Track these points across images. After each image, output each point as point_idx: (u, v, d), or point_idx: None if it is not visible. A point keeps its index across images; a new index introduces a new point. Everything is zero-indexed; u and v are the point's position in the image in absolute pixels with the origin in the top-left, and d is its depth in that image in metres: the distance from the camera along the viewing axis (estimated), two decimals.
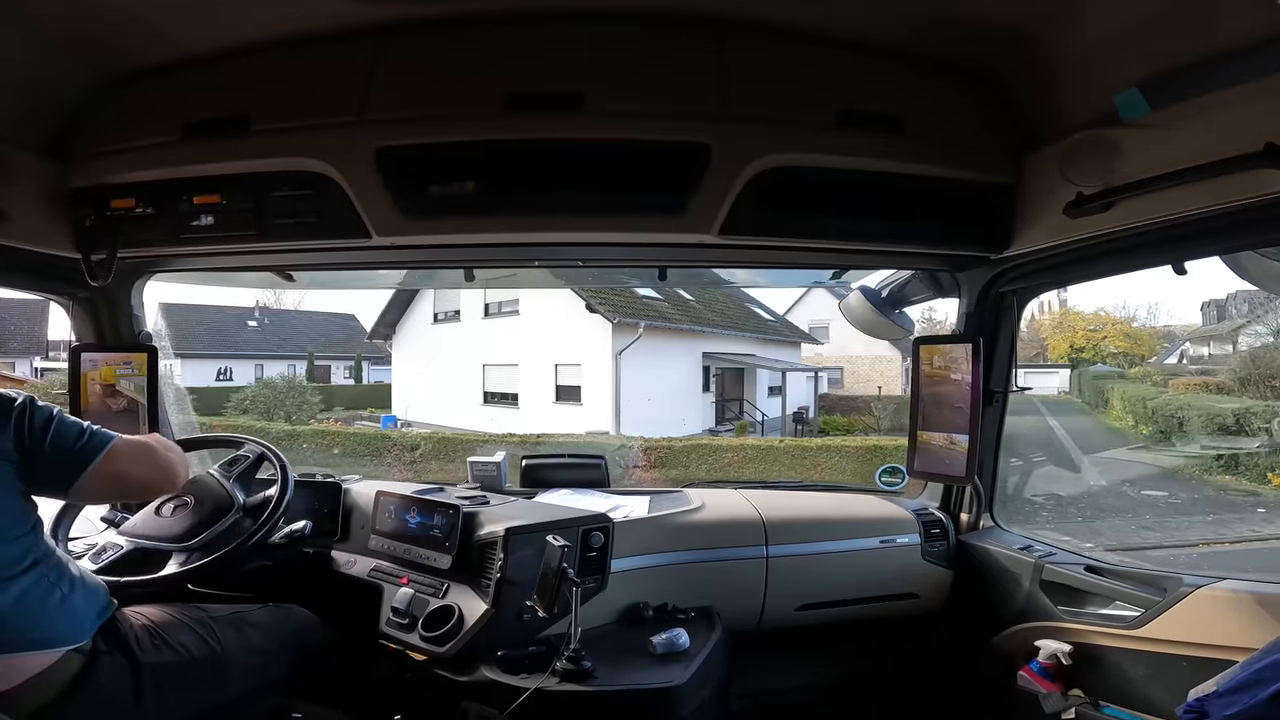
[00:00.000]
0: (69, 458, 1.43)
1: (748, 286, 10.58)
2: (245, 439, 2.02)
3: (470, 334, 15.65)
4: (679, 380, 14.99)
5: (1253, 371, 13.97)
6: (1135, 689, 1.89)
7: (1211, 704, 1.22)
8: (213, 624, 1.63)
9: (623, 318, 13.64)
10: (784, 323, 21.04)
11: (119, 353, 2.28)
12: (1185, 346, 18.32)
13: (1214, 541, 7.60)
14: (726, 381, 16.92)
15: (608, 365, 13.62)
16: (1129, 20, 1.41)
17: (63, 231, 1.86)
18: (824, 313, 22.72)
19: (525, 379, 14.83)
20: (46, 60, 1.64)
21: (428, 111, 1.70)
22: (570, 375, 14.35)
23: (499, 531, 1.87)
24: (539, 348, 14.35)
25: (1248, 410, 11.44)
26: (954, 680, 2.39)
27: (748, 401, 17.35)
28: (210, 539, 1.84)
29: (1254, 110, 1.32)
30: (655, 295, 14.57)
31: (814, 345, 21.92)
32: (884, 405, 16.73)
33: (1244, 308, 15.89)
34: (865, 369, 22.50)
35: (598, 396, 13.77)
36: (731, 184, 1.71)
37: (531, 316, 14.59)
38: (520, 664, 1.74)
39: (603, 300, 13.35)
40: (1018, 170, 1.81)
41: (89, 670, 1.40)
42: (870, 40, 1.72)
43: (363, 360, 21.71)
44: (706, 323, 16.16)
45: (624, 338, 13.60)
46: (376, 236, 1.78)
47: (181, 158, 1.79)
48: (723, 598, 2.19)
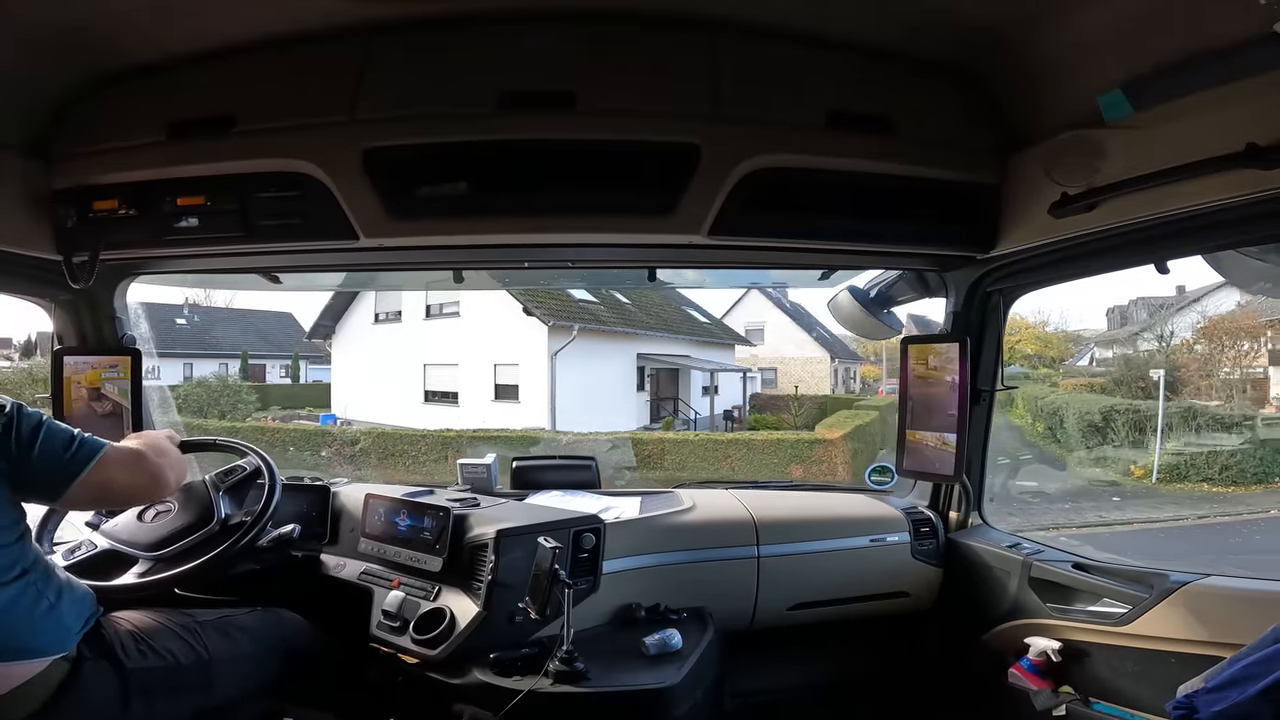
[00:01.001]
0: (58, 467, 1.40)
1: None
2: (249, 449, 1.97)
3: (411, 334, 15.92)
4: (614, 379, 15.65)
5: (1125, 373, 15.69)
6: (1125, 685, 1.91)
7: (1200, 700, 1.23)
8: (199, 629, 1.61)
9: (558, 320, 14.23)
10: (719, 325, 21.73)
11: (102, 356, 2.25)
12: (1093, 350, 19.46)
13: (1064, 527, 8.60)
14: (661, 381, 17.81)
15: (544, 365, 14.25)
16: (1112, 23, 1.43)
17: (44, 233, 1.83)
18: (760, 315, 24.89)
19: (465, 378, 15.31)
20: (29, 59, 1.62)
21: (418, 111, 1.70)
22: (509, 375, 14.91)
23: (490, 533, 1.86)
24: (479, 348, 14.86)
25: (1112, 408, 12.76)
26: (945, 678, 2.40)
27: (682, 400, 18.20)
28: (179, 552, 1.78)
29: (1235, 111, 1.34)
30: (591, 299, 15.31)
31: (748, 347, 22.97)
32: (801, 404, 18.27)
33: (1143, 314, 17.55)
34: (798, 369, 23.87)
35: (535, 395, 14.36)
36: (721, 184, 1.72)
37: (472, 318, 15.04)
38: (513, 666, 1.73)
39: (539, 304, 13.92)
40: (1003, 171, 1.83)
41: (74, 678, 1.38)
42: (859, 42, 1.73)
43: (300, 359, 21.37)
44: (641, 325, 16.94)
45: (559, 339, 14.21)
46: (364, 238, 1.77)
47: (166, 158, 1.77)
48: (715, 598, 2.18)
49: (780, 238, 1.88)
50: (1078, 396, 14.40)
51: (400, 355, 15.68)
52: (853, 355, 27.40)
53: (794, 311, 26.71)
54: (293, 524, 2.00)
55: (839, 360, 26.04)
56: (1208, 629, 1.71)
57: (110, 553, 1.81)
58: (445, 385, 15.60)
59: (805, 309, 27.64)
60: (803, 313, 27.43)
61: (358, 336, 16.98)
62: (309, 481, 2.35)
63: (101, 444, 1.46)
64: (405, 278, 3.83)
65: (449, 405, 15.22)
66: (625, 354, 16.16)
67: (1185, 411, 12.36)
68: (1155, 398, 13.31)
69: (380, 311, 16.82)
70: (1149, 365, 15.36)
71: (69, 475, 1.40)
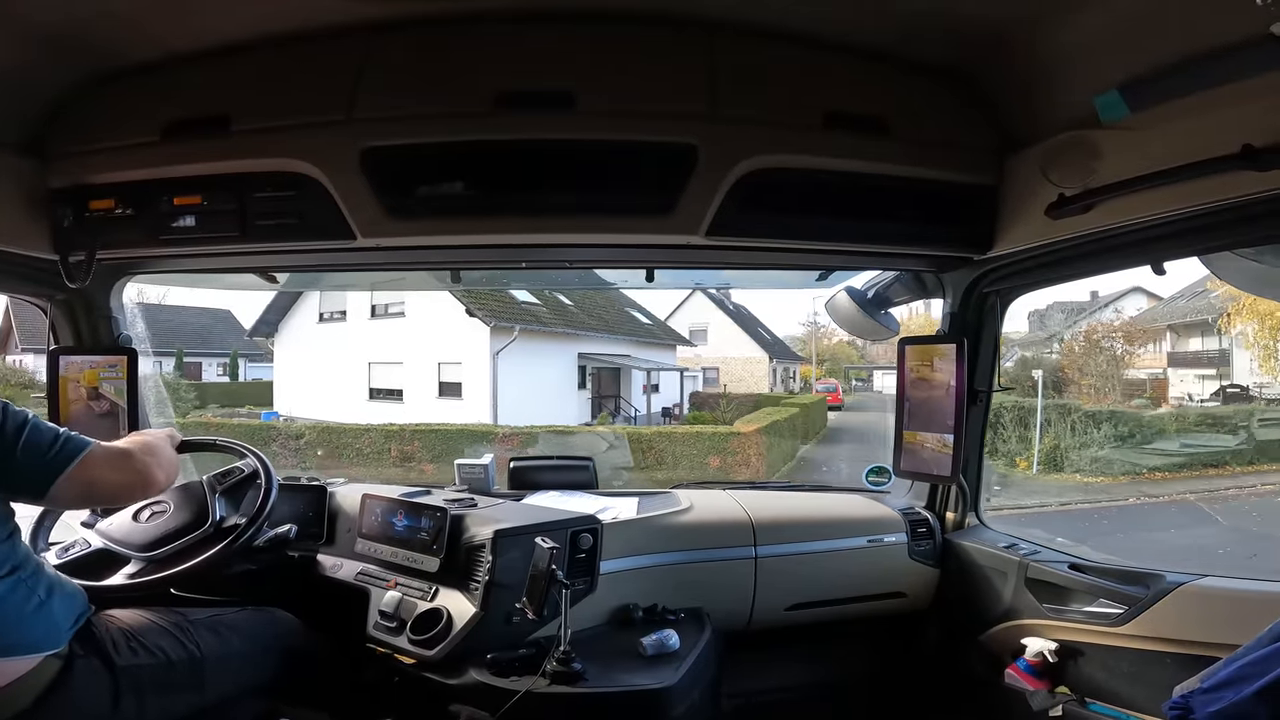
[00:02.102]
0: (42, 464, 1.39)
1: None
2: (248, 451, 1.95)
3: (356, 333, 16.22)
4: (556, 378, 16.38)
5: (1020, 374, 16.62)
6: (1121, 686, 1.91)
7: (1196, 700, 1.23)
8: (190, 627, 1.61)
9: (499, 321, 14.78)
10: (661, 326, 22.57)
11: (98, 355, 2.24)
12: (1017, 352, 19.86)
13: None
14: (602, 380, 18.54)
15: (487, 364, 14.84)
16: (1109, 24, 1.44)
17: (40, 232, 1.82)
18: (703, 317, 26.07)
19: (410, 376, 15.74)
20: (25, 57, 1.61)
21: (416, 111, 1.69)
22: (452, 373, 15.42)
23: (487, 534, 1.85)
24: (423, 347, 15.29)
25: (1001, 406, 13.41)
26: (942, 678, 2.40)
27: (623, 398, 18.84)
28: (171, 553, 1.78)
29: (1231, 113, 1.35)
30: (534, 300, 16.01)
31: (691, 347, 24.03)
32: (729, 401, 19.40)
33: (1059, 317, 18.99)
34: (739, 369, 24.98)
35: (478, 392, 14.92)
36: (719, 185, 1.72)
37: (416, 318, 15.43)
38: (510, 666, 1.73)
39: (481, 305, 14.45)
40: (1000, 172, 1.83)
41: (65, 675, 1.38)
42: (856, 43, 1.74)
43: (239, 357, 20.95)
44: (582, 326, 17.64)
45: (501, 339, 14.81)
46: (361, 238, 1.77)
47: (162, 158, 1.77)
48: (712, 598, 2.18)
49: (778, 238, 1.88)
50: None
51: (345, 354, 16.02)
52: (792, 356, 28.75)
53: (736, 313, 27.73)
54: (289, 524, 1.99)
55: (777, 360, 27.18)
56: (1204, 629, 1.71)
57: (103, 552, 1.81)
58: (390, 383, 16.06)
59: (748, 310, 29.07)
60: (745, 314, 28.60)
61: (301, 335, 17.14)
62: (306, 482, 2.34)
63: (87, 442, 1.46)
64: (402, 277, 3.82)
65: (394, 402, 15.61)
66: (567, 353, 16.86)
67: (1061, 409, 13.90)
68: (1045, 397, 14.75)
69: (325, 311, 17.06)
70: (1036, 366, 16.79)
71: (53, 472, 1.40)
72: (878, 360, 33.00)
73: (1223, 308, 13.84)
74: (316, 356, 16.26)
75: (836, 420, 20.75)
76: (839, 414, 22.03)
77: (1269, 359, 13.55)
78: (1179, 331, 16.52)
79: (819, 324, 34.50)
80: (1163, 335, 16.86)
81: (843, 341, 35.90)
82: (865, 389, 29.72)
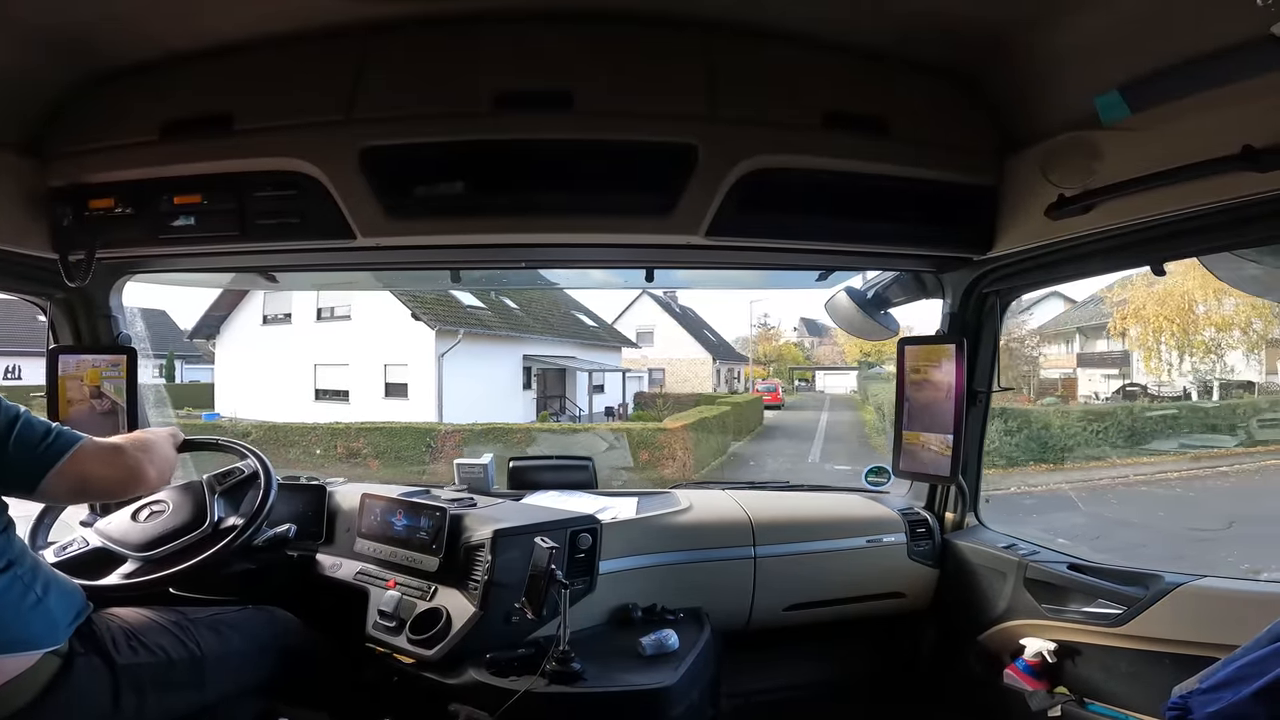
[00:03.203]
0: (33, 458, 1.40)
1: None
2: (249, 451, 1.95)
3: (302, 336, 16.53)
4: (501, 378, 17.16)
5: None
6: (1120, 686, 1.91)
7: (1195, 700, 1.23)
8: (190, 626, 1.60)
9: (444, 325, 15.50)
10: (607, 329, 23.56)
11: (98, 355, 2.24)
12: None
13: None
14: (548, 380, 19.40)
15: (432, 365, 15.51)
16: (1109, 25, 1.44)
17: (40, 231, 1.82)
18: (651, 319, 27.72)
19: (356, 377, 16.31)
20: (25, 57, 1.61)
21: (415, 111, 1.69)
22: (398, 374, 16.04)
23: (486, 534, 1.85)
24: (369, 349, 15.89)
25: None
26: (941, 678, 2.41)
27: (568, 398, 19.66)
28: (168, 553, 1.77)
29: (1231, 113, 1.35)
30: (479, 304, 16.90)
31: (643, 348, 25.70)
32: (666, 400, 21.44)
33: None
34: (684, 370, 26.78)
35: (424, 392, 15.58)
36: (718, 185, 1.72)
37: (362, 321, 16.04)
38: (509, 666, 1.73)
39: (426, 309, 15.31)
40: (1000, 172, 1.83)
41: (65, 673, 1.38)
42: (856, 43, 1.73)
43: (175, 359, 20.70)
44: (527, 329, 18.45)
45: (446, 342, 15.55)
46: (361, 237, 1.77)
47: (162, 157, 1.77)
48: (711, 598, 2.18)
49: (778, 238, 1.88)
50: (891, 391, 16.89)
51: (290, 356, 16.33)
52: (736, 357, 30.20)
53: (683, 316, 29.03)
54: (288, 524, 1.99)
55: (720, 361, 28.62)
56: (1202, 630, 1.71)
57: (100, 551, 1.80)
58: (336, 384, 16.54)
59: (695, 313, 30.66)
60: (692, 317, 29.98)
61: (244, 337, 17.33)
62: (305, 481, 2.34)
63: (79, 437, 1.46)
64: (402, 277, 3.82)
65: (340, 402, 16.12)
66: (511, 355, 17.70)
67: None
68: None
69: (270, 313, 17.32)
70: None
71: (44, 466, 1.40)
72: (822, 362, 33.97)
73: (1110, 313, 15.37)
74: (260, 358, 16.53)
75: (774, 418, 21.91)
76: (778, 412, 23.25)
77: (1149, 359, 15.24)
78: (1086, 334, 17.62)
79: (769, 325, 36.78)
80: (1073, 337, 18.21)
81: (789, 344, 37.19)
82: (808, 389, 31.00)
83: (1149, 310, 12.51)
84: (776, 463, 15.26)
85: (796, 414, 23.84)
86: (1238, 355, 16.06)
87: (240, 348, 17.24)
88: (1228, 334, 15.46)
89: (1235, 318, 15.11)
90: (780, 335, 37.92)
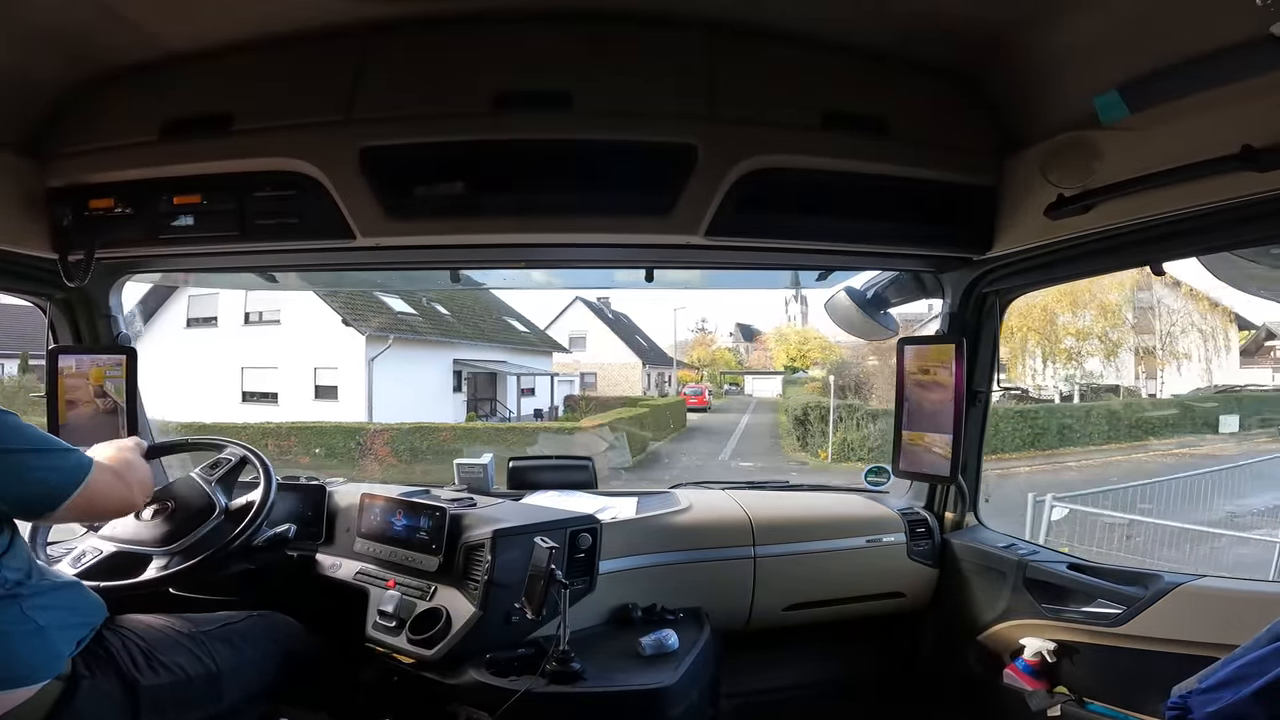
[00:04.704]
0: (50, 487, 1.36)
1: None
2: (227, 441, 1.97)
3: (228, 339, 16.79)
4: (432, 381, 17.72)
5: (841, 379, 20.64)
6: (1119, 686, 1.91)
7: (1195, 700, 1.23)
8: (205, 639, 1.59)
9: (374, 331, 16.12)
10: (538, 334, 24.17)
11: (97, 355, 2.24)
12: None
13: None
14: (479, 383, 20.12)
15: (363, 369, 16.12)
16: (1108, 25, 1.44)
17: (40, 231, 1.83)
18: (583, 324, 28.40)
19: (285, 380, 16.63)
20: (24, 57, 1.61)
21: (415, 111, 1.69)
22: (329, 377, 16.52)
23: (486, 533, 1.85)
24: (299, 353, 16.30)
25: (807, 406, 17.91)
26: (940, 678, 2.41)
27: (499, 401, 20.47)
28: (193, 543, 1.80)
29: (1230, 113, 1.35)
30: (410, 310, 17.68)
31: (576, 352, 26.49)
32: (588, 403, 22.39)
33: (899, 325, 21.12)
34: (616, 374, 27.58)
35: (354, 394, 16.16)
36: (718, 185, 1.72)
37: (292, 325, 16.45)
38: (509, 666, 1.73)
39: (356, 315, 16.04)
40: (999, 172, 1.83)
41: (68, 699, 1.33)
42: (855, 43, 1.74)
43: None
44: (457, 334, 19.12)
45: (376, 347, 16.14)
46: (361, 238, 1.77)
47: (162, 157, 1.77)
48: (711, 598, 2.19)
49: (777, 238, 1.88)
50: (808, 398, 19.85)
51: (216, 359, 16.60)
52: (666, 361, 31.15)
53: (616, 321, 29.82)
54: (288, 523, 1.99)
55: (650, 366, 29.52)
56: (1202, 629, 1.71)
57: (119, 555, 1.80)
58: (265, 386, 16.88)
59: (628, 319, 31.63)
60: (625, 323, 30.90)
61: (167, 340, 17.31)
62: (304, 481, 2.34)
63: (90, 461, 1.43)
64: (401, 277, 3.84)
65: (268, 404, 16.47)
66: (442, 359, 18.26)
67: (850, 409, 17.34)
68: (845, 398, 18.78)
69: (194, 316, 17.53)
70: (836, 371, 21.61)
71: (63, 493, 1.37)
72: (754, 367, 35.02)
73: None
74: (184, 361, 16.54)
75: (699, 420, 23.22)
76: (704, 415, 24.42)
77: (1014, 366, 17.34)
78: None
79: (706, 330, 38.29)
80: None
81: (723, 349, 38.49)
82: (738, 393, 32.12)
83: (1013, 321, 13.11)
84: (690, 459, 16.64)
85: (721, 416, 24.99)
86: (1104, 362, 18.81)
87: (161, 349, 17.07)
88: (1085, 342, 18.24)
89: (1092, 328, 17.78)
90: (715, 340, 39.25)
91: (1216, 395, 19.33)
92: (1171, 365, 21.28)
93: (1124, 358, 21.11)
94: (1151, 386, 20.88)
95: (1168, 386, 20.98)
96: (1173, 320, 21.62)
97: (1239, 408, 18.29)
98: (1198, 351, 21.56)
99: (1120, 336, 20.11)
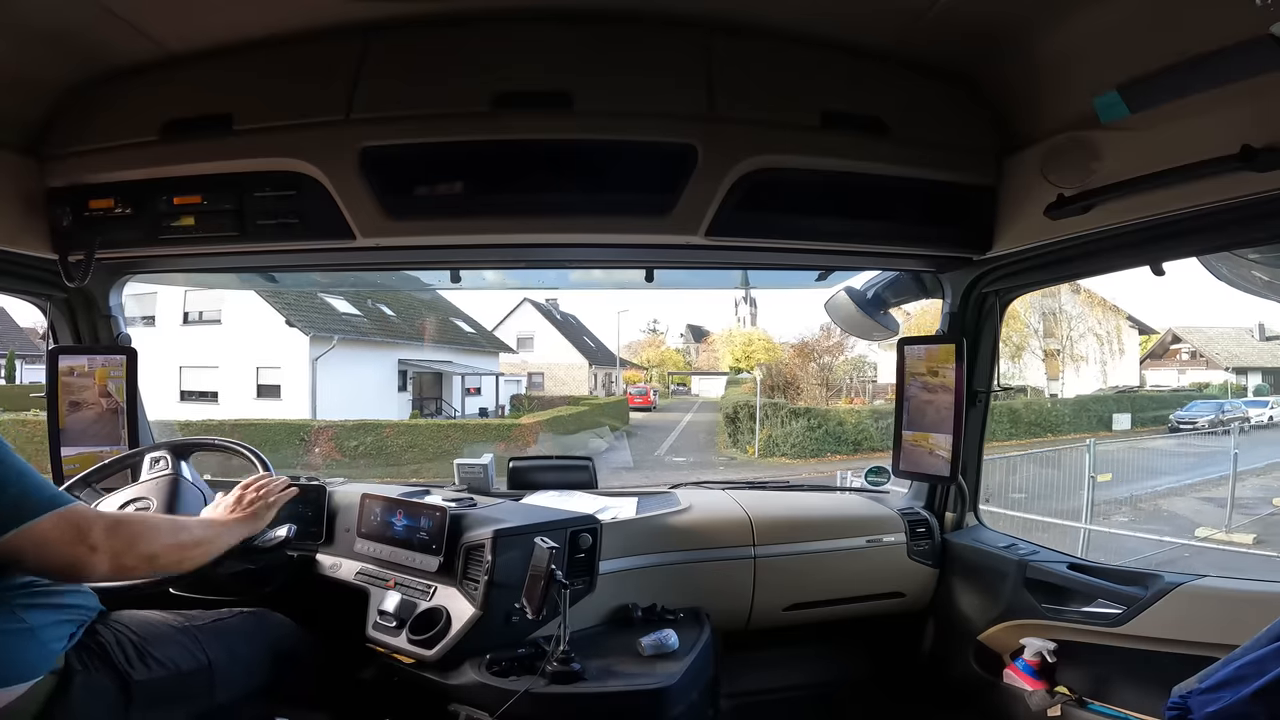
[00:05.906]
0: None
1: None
2: (227, 442, 1.97)
3: (166, 338, 16.68)
4: (376, 381, 18.38)
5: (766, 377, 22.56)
6: (1119, 686, 1.91)
7: (1195, 700, 1.23)
8: (197, 634, 1.59)
9: (318, 331, 16.57)
10: (485, 335, 25.09)
11: (97, 355, 2.24)
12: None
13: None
14: (424, 383, 20.90)
15: (306, 369, 16.55)
16: (1108, 25, 1.44)
17: (39, 231, 1.83)
18: (531, 326, 29.69)
19: (225, 379, 16.96)
20: (24, 57, 1.61)
21: (415, 111, 1.69)
22: (271, 376, 16.90)
23: (487, 534, 1.85)
24: (241, 352, 16.63)
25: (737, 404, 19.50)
26: (941, 678, 2.41)
27: (444, 400, 21.20)
28: None
29: (1230, 113, 1.35)
30: (355, 311, 18.27)
31: (525, 353, 28.01)
32: (530, 402, 23.70)
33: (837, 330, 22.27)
34: (563, 374, 28.79)
35: (298, 393, 16.61)
36: (718, 185, 1.72)
37: (234, 325, 16.70)
38: (509, 666, 1.73)
39: (300, 316, 16.42)
40: (999, 172, 1.83)
41: (62, 693, 1.33)
42: (855, 43, 1.74)
43: (16, 358, 19.44)
44: (403, 335, 19.79)
45: (320, 347, 16.63)
46: (360, 238, 1.77)
47: (162, 157, 1.77)
48: (711, 598, 2.18)
49: (777, 238, 1.88)
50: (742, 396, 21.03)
51: (152, 358, 16.31)
52: (612, 361, 32.08)
53: (563, 323, 30.55)
54: (288, 524, 1.99)
55: (597, 366, 30.43)
56: (1202, 629, 1.71)
57: None
58: (204, 385, 17.22)
59: (576, 320, 32.47)
60: (572, 324, 31.67)
61: None
62: (304, 481, 2.34)
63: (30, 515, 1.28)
64: (401, 277, 3.84)
65: (208, 403, 16.80)
66: (387, 360, 18.92)
67: (775, 407, 18.80)
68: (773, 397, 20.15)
69: (131, 315, 17.23)
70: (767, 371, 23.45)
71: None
72: (702, 367, 35.59)
73: None
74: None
75: (642, 419, 24.29)
76: (648, 414, 25.51)
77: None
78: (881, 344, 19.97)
79: (657, 331, 39.89)
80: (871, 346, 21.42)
81: (671, 350, 39.72)
82: (684, 393, 33.07)
83: (915, 321, 13.46)
84: (619, 455, 17.74)
85: (665, 415, 26.32)
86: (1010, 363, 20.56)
87: None
88: None
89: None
90: (664, 341, 40.34)
91: (1115, 395, 21.96)
92: (1072, 368, 24.01)
93: (1030, 361, 23.64)
94: (1054, 387, 23.59)
95: (1069, 388, 23.59)
96: (1072, 325, 24.08)
97: (1132, 406, 20.92)
98: (1093, 354, 24.29)
99: (1022, 340, 22.72)
